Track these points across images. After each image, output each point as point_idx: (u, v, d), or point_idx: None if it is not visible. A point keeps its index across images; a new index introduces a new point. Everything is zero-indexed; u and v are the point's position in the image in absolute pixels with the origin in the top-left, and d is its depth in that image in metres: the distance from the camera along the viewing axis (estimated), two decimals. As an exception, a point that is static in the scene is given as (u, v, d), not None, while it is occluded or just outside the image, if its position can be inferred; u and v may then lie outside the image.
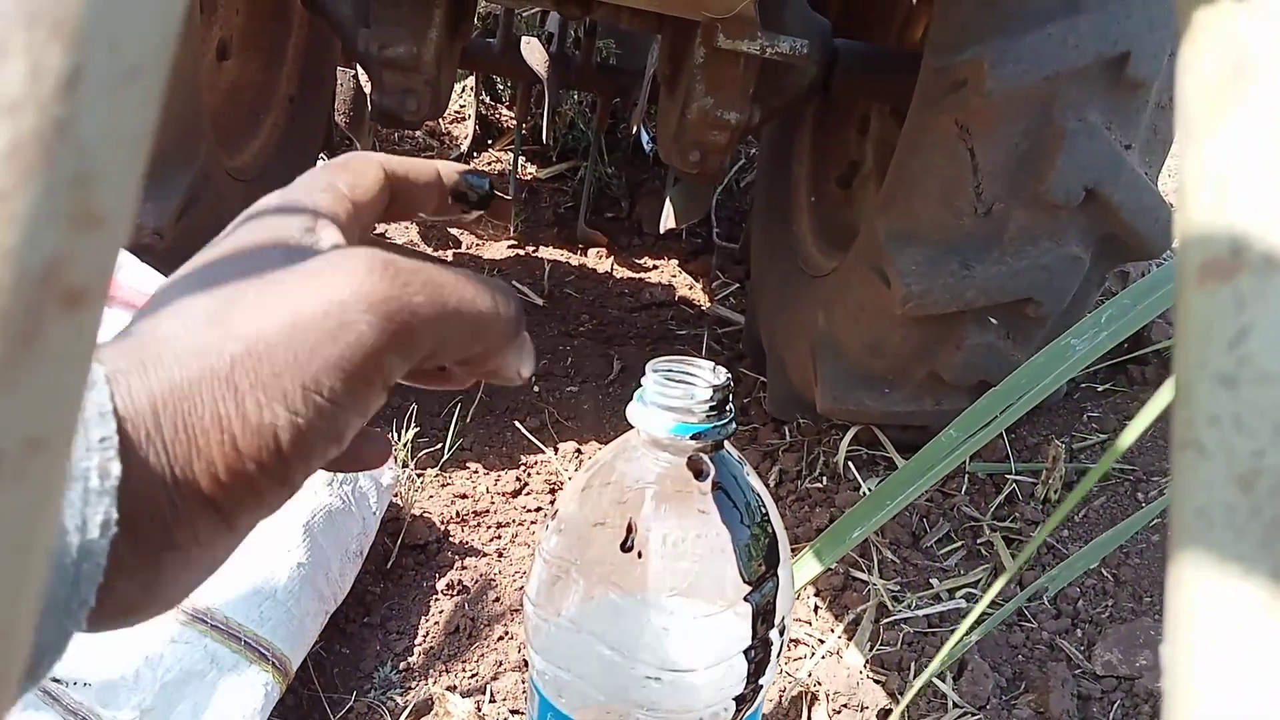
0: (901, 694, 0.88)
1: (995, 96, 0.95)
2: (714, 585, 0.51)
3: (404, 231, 1.98)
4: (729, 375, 0.52)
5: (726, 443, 0.53)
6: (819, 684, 0.88)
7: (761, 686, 0.54)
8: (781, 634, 0.54)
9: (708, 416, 0.50)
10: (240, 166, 1.35)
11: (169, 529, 0.26)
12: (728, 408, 0.51)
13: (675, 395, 0.50)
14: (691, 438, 0.50)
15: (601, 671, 0.51)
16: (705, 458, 0.52)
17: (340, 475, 0.92)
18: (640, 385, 0.52)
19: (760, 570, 0.52)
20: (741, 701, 0.52)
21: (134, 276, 0.91)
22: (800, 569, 0.76)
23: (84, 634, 0.26)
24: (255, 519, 0.27)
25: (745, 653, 0.51)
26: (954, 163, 1.01)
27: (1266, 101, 0.18)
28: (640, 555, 0.50)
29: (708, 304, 1.84)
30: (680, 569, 0.50)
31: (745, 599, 0.51)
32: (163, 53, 0.15)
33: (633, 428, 0.52)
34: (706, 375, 0.52)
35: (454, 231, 2.02)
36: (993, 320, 1.07)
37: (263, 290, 0.27)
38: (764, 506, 0.53)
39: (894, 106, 1.35)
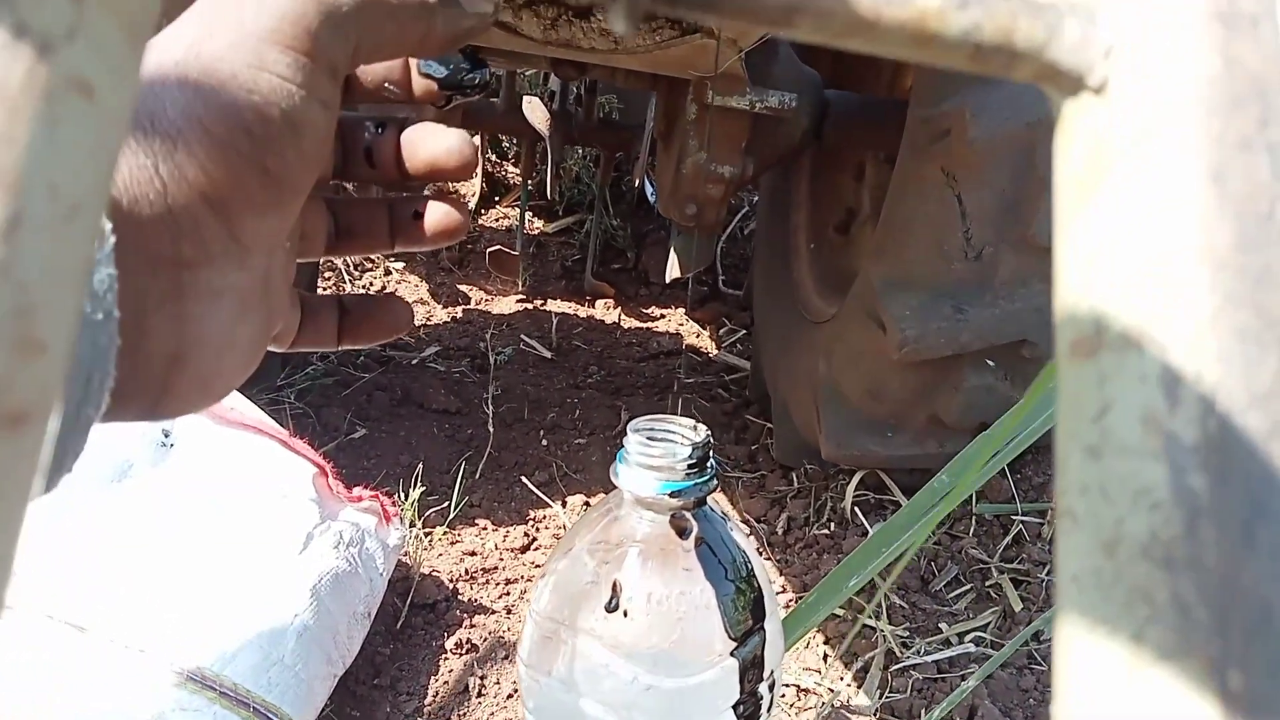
0: (906, 743, 0.87)
1: (979, 144, 0.97)
2: (700, 642, 0.51)
3: (414, 289, 2.01)
4: (709, 433, 0.53)
5: (709, 499, 0.54)
6: (827, 734, 0.87)
7: (752, 741, 0.54)
8: (771, 689, 0.54)
9: (688, 474, 0.51)
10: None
11: (176, 241, 0.27)
12: (709, 465, 0.53)
13: (656, 454, 0.51)
14: (673, 495, 0.51)
15: (593, 729, 0.52)
16: (688, 515, 0.53)
17: (346, 538, 0.93)
18: (623, 445, 0.53)
19: (746, 625, 0.53)
20: (731, 757, 0.52)
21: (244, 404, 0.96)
22: (800, 619, 0.76)
23: (131, 420, 0.27)
24: (259, 230, 0.29)
25: (734, 708, 0.52)
26: (943, 209, 1.02)
27: (1121, 189, 0.19)
28: (626, 614, 0.51)
29: (715, 351, 1.85)
30: (666, 626, 0.51)
31: (732, 654, 0.52)
32: (102, 188, 0.17)
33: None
34: (687, 433, 0.53)
35: (463, 288, 2.06)
36: (990, 362, 1.07)
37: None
38: (749, 562, 0.54)
39: (888, 154, 1.38)
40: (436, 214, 0.37)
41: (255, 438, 0.95)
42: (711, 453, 0.53)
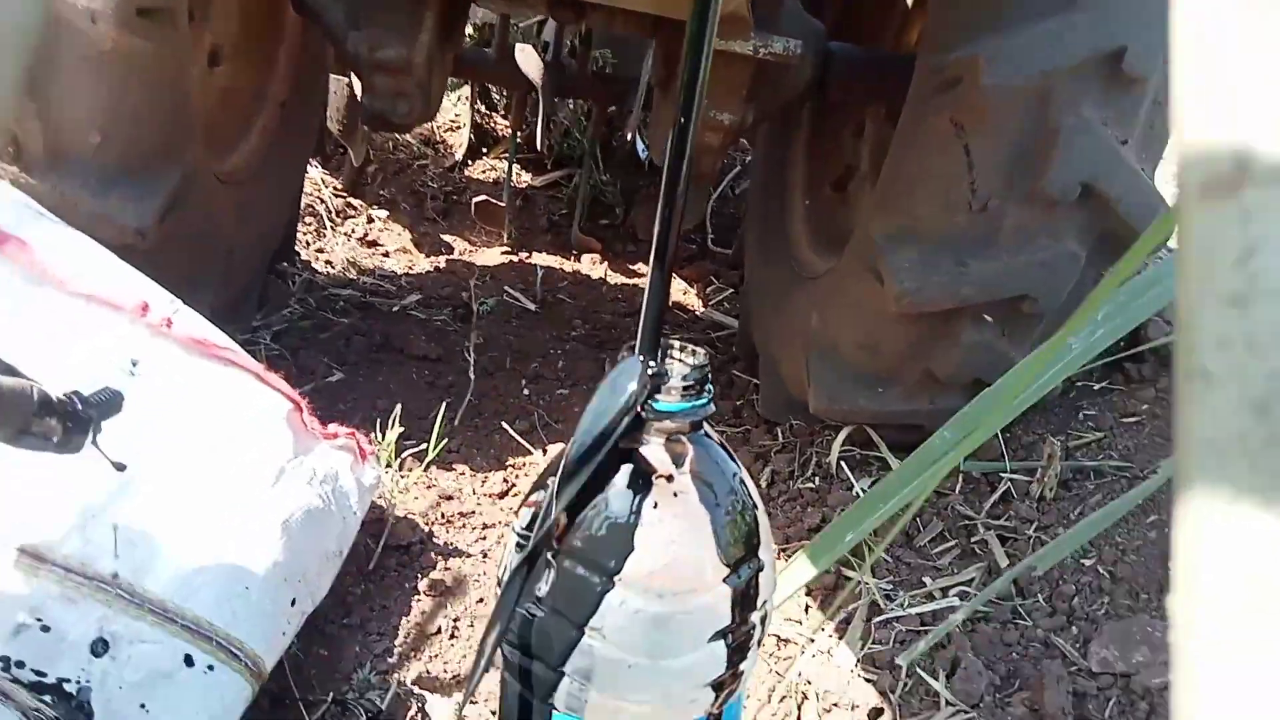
0: (893, 692, 0.86)
1: (991, 93, 0.94)
2: (691, 568, 0.49)
3: (397, 237, 1.97)
4: (707, 355, 0.51)
5: (706, 424, 0.51)
6: (809, 683, 0.86)
7: (742, 673, 0.52)
8: (764, 620, 0.52)
9: (684, 395, 0.49)
10: (230, 170, 1.34)
11: None
12: (706, 388, 0.50)
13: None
14: (668, 417, 0.49)
15: (580, 658, 0.49)
16: (683, 439, 0.50)
17: (320, 474, 0.90)
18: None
19: (740, 553, 0.50)
20: (720, 688, 0.50)
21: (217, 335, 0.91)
22: (792, 572, 0.73)
23: None
24: None
25: (724, 636, 0.49)
26: (949, 160, 1.00)
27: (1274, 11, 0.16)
28: (616, 536, 0.48)
29: (702, 309, 1.82)
30: (656, 551, 0.48)
31: (724, 581, 0.49)
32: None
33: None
34: (684, 356, 0.50)
35: (447, 238, 2.01)
36: (988, 318, 1.05)
37: None
38: (748, 492, 0.52)
39: (889, 109, 1.35)
40: None
41: (228, 369, 0.91)
42: (709, 377, 0.50)
